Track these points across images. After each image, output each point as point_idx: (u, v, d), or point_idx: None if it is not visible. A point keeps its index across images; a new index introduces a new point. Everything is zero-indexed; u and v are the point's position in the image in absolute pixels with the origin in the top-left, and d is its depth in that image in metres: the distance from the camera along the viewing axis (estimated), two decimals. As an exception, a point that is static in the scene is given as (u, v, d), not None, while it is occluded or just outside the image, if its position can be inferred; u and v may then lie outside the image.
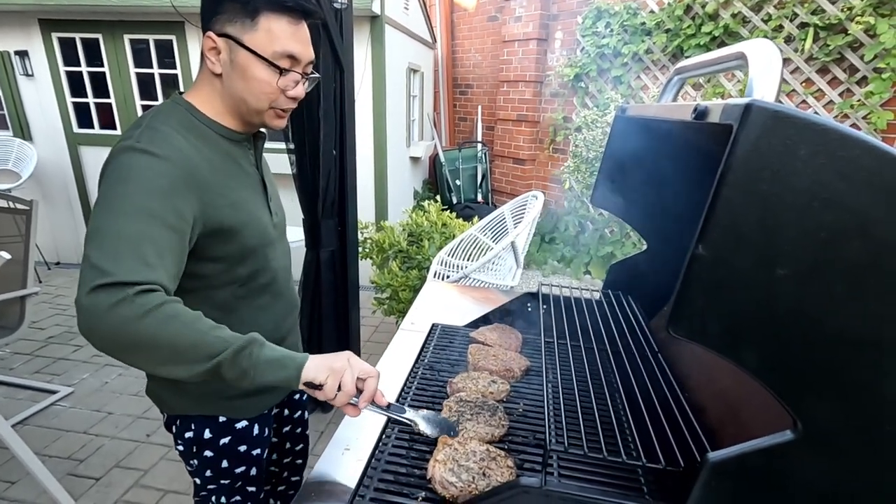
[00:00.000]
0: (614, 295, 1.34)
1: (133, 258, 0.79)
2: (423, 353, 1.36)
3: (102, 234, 0.80)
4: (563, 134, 5.45)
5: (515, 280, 2.36)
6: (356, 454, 1.00)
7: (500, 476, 0.88)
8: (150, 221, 0.82)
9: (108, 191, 0.84)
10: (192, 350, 0.80)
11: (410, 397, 1.17)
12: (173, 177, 0.88)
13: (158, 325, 0.77)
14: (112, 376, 3.13)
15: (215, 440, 1.16)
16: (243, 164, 1.08)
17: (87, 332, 0.78)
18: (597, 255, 4.86)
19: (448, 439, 0.96)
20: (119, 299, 0.75)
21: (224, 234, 0.98)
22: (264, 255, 1.11)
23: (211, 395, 1.12)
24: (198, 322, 0.82)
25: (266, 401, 1.23)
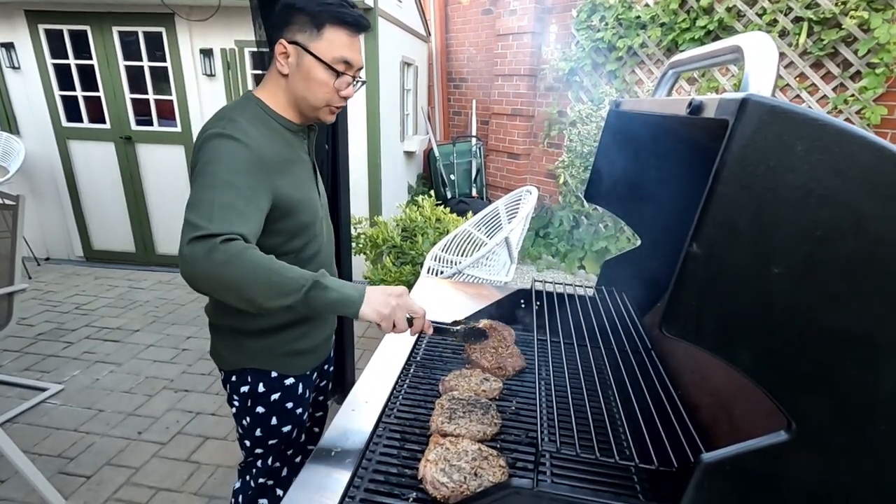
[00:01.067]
0: (608, 291, 1.33)
1: (220, 218, 0.97)
2: (415, 350, 1.35)
3: (197, 202, 0.99)
4: (557, 128, 5.43)
5: (509, 275, 2.35)
6: (346, 453, 0.99)
7: (492, 476, 0.87)
8: (232, 193, 1.01)
9: (202, 169, 1.03)
10: (271, 288, 0.97)
11: (402, 396, 1.15)
12: (249, 159, 1.06)
13: (242, 268, 0.95)
14: (103, 373, 3.10)
15: (267, 395, 1.32)
16: (300, 151, 1.27)
17: (188, 276, 0.97)
18: (591, 250, 4.86)
19: (440, 439, 0.95)
20: (210, 247, 0.93)
21: (285, 210, 1.16)
22: (313, 229, 1.29)
23: (264, 351, 1.30)
24: (273, 264, 0.99)
25: (309, 361, 1.40)
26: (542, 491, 0.68)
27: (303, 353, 1.37)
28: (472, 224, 2.80)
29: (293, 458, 1.55)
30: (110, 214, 4.83)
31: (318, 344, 1.44)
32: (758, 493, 0.63)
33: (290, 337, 1.34)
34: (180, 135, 4.54)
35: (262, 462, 1.46)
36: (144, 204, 4.77)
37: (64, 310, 3.93)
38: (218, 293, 0.99)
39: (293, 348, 1.34)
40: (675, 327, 0.57)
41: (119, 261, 4.94)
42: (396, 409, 1.10)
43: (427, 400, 1.14)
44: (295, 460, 1.57)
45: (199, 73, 4.36)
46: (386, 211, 4.63)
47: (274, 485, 1.53)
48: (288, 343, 1.34)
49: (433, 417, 1.03)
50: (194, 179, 1.04)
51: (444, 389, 1.15)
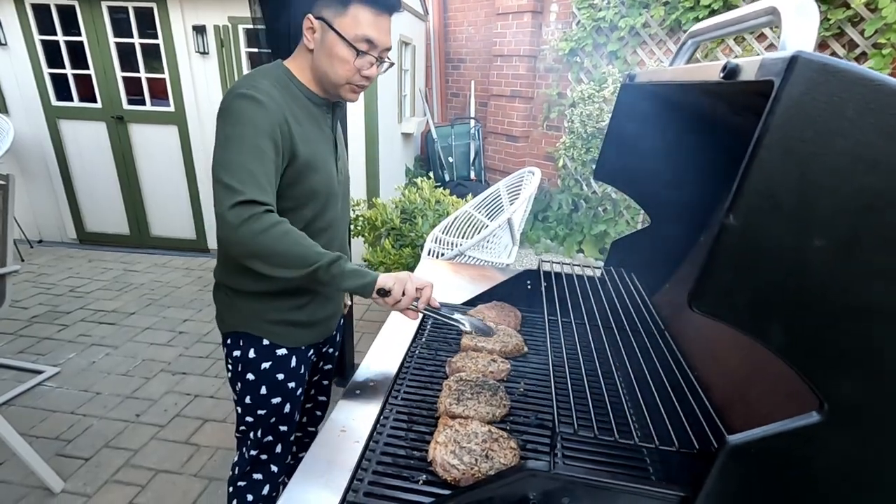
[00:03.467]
0: (616, 272, 1.31)
1: (255, 184, 1.03)
2: (420, 332, 1.32)
3: (230, 164, 1.04)
4: (557, 110, 5.36)
5: (511, 257, 2.32)
6: (353, 435, 0.96)
7: (503, 458, 0.85)
8: (261, 157, 1.06)
9: (230, 130, 1.06)
10: (300, 259, 1.05)
11: (408, 378, 1.13)
12: (272, 120, 1.08)
13: (276, 239, 1.02)
14: (99, 356, 3.07)
15: (258, 362, 1.33)
16: (322, 124, 1.28)
17: (225, 239, 1.03)
18: (590, 233, 4.84)
19: (449, 420, 0.93)
20: (251, 214, 1.01)
21: (299, 171, 1.17)
22: (326, 202, 1.29)
23: (255, 316, 1.31)
24: (303, 239, 1.07)
25: (304, 336, 1.39)
26: (558, 473, 0.66)
27: (297, 326, 1.37)
28: (473, 206, 2.76)
29: (287, 434, 1.52)
30: (103, 196, 4.75)
31: (317, 320, 1.42)
32: (785, 476, 0.61)
33: (284, 305, 1.33)
34: (173, 114, 4.44)
35: (253, 433, 1.46)
36: (138, 185, 4.69)
37: (58, 292, 3.88)
38: (248, 258, 1.05)
39: (286, 318, 1.34)
40: (706, 304, 0.54)
41: (113, 243, 4.87)
42: (403, 391, 1.07)
43: (433, 381, 1.12)
44: (289, 438, 1.54)
45: (192, 50, 4.25)
46: (384, 193, 4.58)
47: (268, 460, 1.52)
48: (281, 311, 1.33)
49: (441, 399, 1.00)
50: (223, 139, 1.06)
51: (451, 371, 1.13)
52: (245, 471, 1.53)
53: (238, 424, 1.49)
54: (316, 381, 1.68)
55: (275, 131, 1.09)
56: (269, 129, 1.08)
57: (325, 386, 1.74)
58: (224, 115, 1.10)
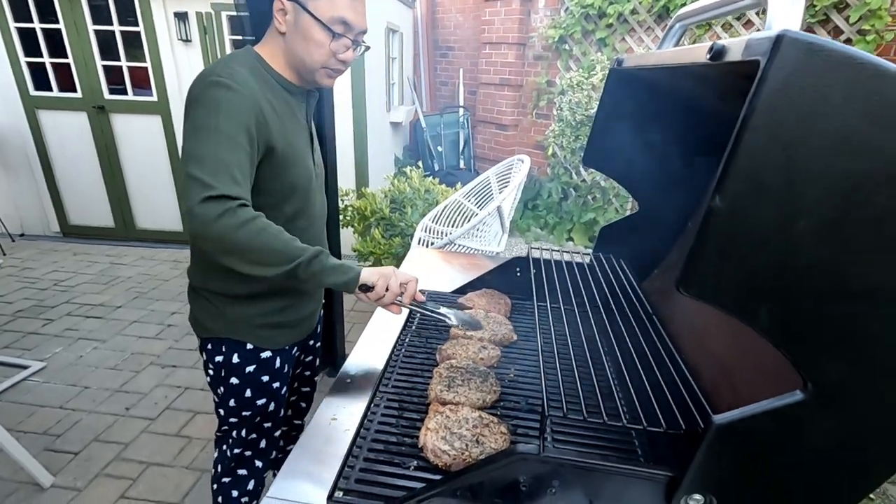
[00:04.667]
0: (605, 258, 1.31)
1: (228, 177, 0.97)
2: (409, 321, 1.32)
3: (202, 156, 0.97)
4: (546, 98, 5.35)
5: (501, 246, 2.32)
6: (343, 423, 0.96)
7: (493, 443, 0.85)
8: (235, 148, 1.00)
9: (202, 119, 1.00)
10: (278, 255, 1.00)
11: (398, 366, 1.13)
12: (247, 109, 1.03)
13: (253, 234, 0.97)
14: (87, 350, 3.04)
15: (242, 366, 1.29)
16: (297, 114, 1.22)
17: (197, 235, 0.97)
18: (579, 221, 4.86)
19: (439, 407, 0.93)
20: (224, 209, 0.95)
21: (276, 167, 1.13)
22: (306, 197, 1.25)
23: (242, 321, 1.26)
24: (281, 234, 1.02)
25: (289, 336, 1.36)
26: (548, 456, 0.67)
27: (283, 327, 1.33)
28: (463, 194, 2.75)
29: (272, 430, 1.49)
30: (86, 188, 4.66)
31: (300, 318, 1.39)
32: (769, 453, 0.62)
33: (270, 308, 1.29)
34: (156, 104, 4.36)
35: (236, 433, 1.42)
36: (122, 177, 4.61)
37: (42, 286, 3.82)
38: (223, 255, 1.00)
39: (273, 321, 1.30)
40: (694, 287, 0.54)
41: (97, 236, 4.80)
42: (393, 379, 1.07)
43: (424, 369, 1.12)
44: (274, 434, 1.52)
45: (174, 38, 4.17)
46: (372, 183, 4.55)
47: (252, 456, 1.49)
48: (268, 315, 1.29)
49: (431, 386, 1.01)
50: (194, 129, 1.01)
51: (442, 358, 1.13)
52: (229, 468, 1.49)
53: (220, 425, 1.45)
54: (299, 375, 1.65)
55: (250, 121, 1.03)
56: (243, 119, 1.02)
57: (308, 378, 1.72)
58: (195, 104, 1.03)
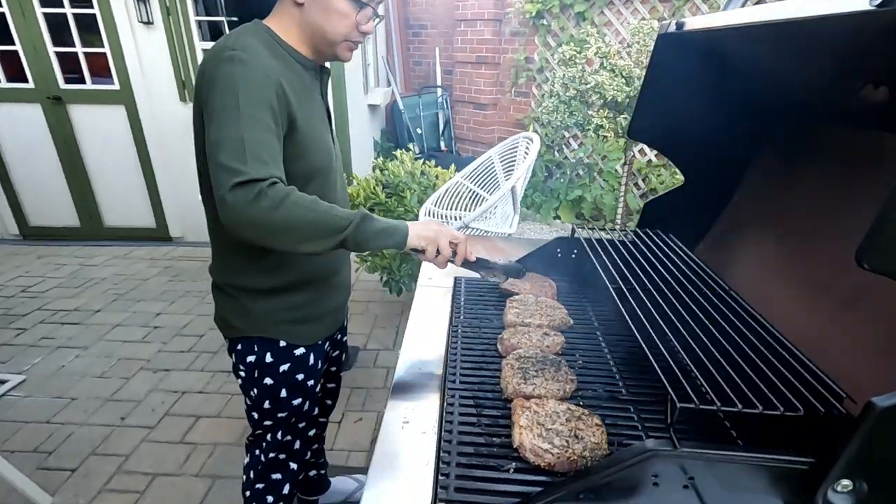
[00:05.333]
0: (653, 233, 1.27)
1: (255, 160, 0.92)
2: (455, 310, 1.25)
3: (225, 141, 0.93)
4: (525, 76, 5.28)
5: (513, 227, 2.27)
6: (418, 426, 0.89)
7: (592, 437, 0.80)
8: (259, 128, 0.95)
9: (220, 100, 0.95)
10: (324, 228, 0.96)
11: (459, 359, 1.06)
12: (267, 84, 0.97)
13: (292, 211, 0.93)
14: (69, 358, 2.84)
15: (276, 365, 1.24)
16: (313, 91, 1.16)
17: (234, 224, 0.93)
18: (566, 199, 4.85)
19: (524, 402, 0.87)
20: (256, 193, 0.90)
21: (300, 148, 1.07)
22: (327, 179, 1.19)
23: (271, 317, 1.21)
24: (319, 204, 0.97)
25: (320, 330, 1.32)
26: (685, 451, 0.62)
27: (313, 320, 1.29)
28: (464, 176, 2.67)
29: (305, 430, 1.47)
30: (46, 186, 4.34)
31: (330, 310, 1.35)
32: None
33: (298, 301, 1.24)
34: (119, 93, 4.07)
35: (271, 436, 1.39)
36: (85, 172, 4.30)
37: (8, 293, 3.55)
38: (266, 238, 0.96)
39: (301, 314, 1.25)
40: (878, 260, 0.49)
41: (62, 237, 4.49)
42: (459, 374, 1.01)
43: (488, 361, 1.06)
44: (308, 433, 1.49)
45: (134, 20, 3.87)
46: (355, 169, 4.40)
47: (286, 459, 1.46)
48: (296, 308, 1.24)
49: (506, 379, 0.95)
50: (214, 113, 0.95)
51: (506, 348, 1.07)
52: (262, 473, 1.44)
53: (254, 429, 1.41)
54: (326, 371, 1.60)
55: (271, 97, 0.98)
56: (265, 95, 0.97)
57: (335, 374, 1.67)
58: (211, 85, 0.97)
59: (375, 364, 2.84)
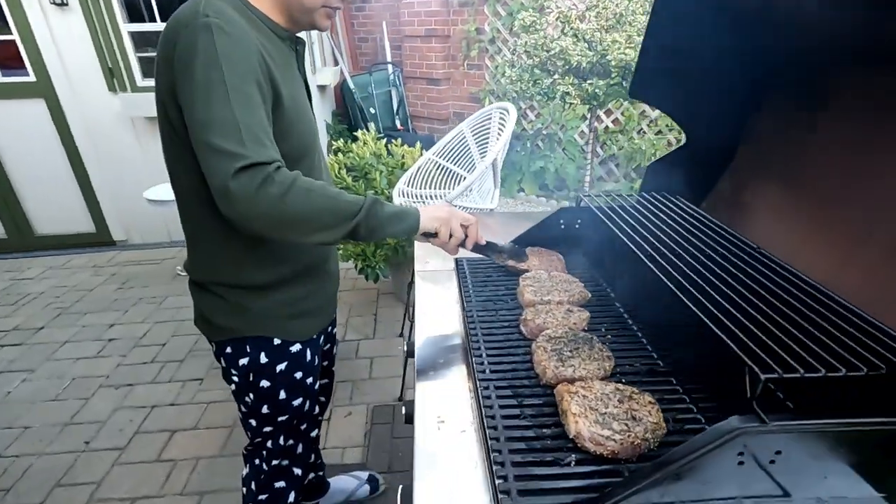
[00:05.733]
0: (661, 195, 1.23)
1: (254, 141, 0.83)
2: (464, 293, 1.17)
3: (217, 120, 0.82)
4: (476, 48, 5.16)
5: (494, 202, 2.19)
6: (456, 425, 0.81)
7: (650, 417, 0.75)
8: (251, 105, 0.85)
9: (203, 74, 0.83)
10: (335, 216, 0.89)
11: (483, 346, 0.98)
12: (251, 58, 0.88)
13: (302, 198, 0.85)
14: (14, 383, 2.56)
15: (272, 366, 1.16)
16: (291, 63, 1.07)
17: (242, 217, 0.84)
18: (528, 171, 4.82)
19: (569, 387, 0.81)
20: (263, 178, 0.82)
21: (283, 122, 0.97)
22: (312, 160, 1.10)
23: (266, 313, 1.12)
24: (327, 189, 0.90)
25: (316, 323, 1.24)
26: (775, 426, 0.57)
27: (308, 315, 1.20)
28: (435, 153, 2.56)
29: (308, 432, 1.38)
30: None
31: (324, 302, 1.27)
32: None
33: (295, 295, 1.15)
34: (36, 85, 3.65)
35: (272, 442, 1.30)
36: (5, 177, 3.87)
37: (-68, 319, 3.17)
38: (277, 230, 0.88)
39: (298, 309, 1.17)
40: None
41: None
42: (487, 362, 0.93)
43: (513, 345, 0.99)
44: (311, 434, 1.41)
45: (45, 1, 3.46)
46: (312, 153, 4.18)
47: (289, 464, 1.38)
48: (294, 303, 1.15)
49: (542, 363, 0.88)
50: (198, 88, 0.84)
51: (531, 330, 1.00)
52: (265, 483, 1.35)
53: (252, 437, 1.31)
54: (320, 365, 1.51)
55: (255, 70, 0.89)
56: (250, 69, 0.88)
57: (328, 368, 1.59)
58: (189, 58, 0.84)
59: (357, 355, 2.73)
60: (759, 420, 0.58)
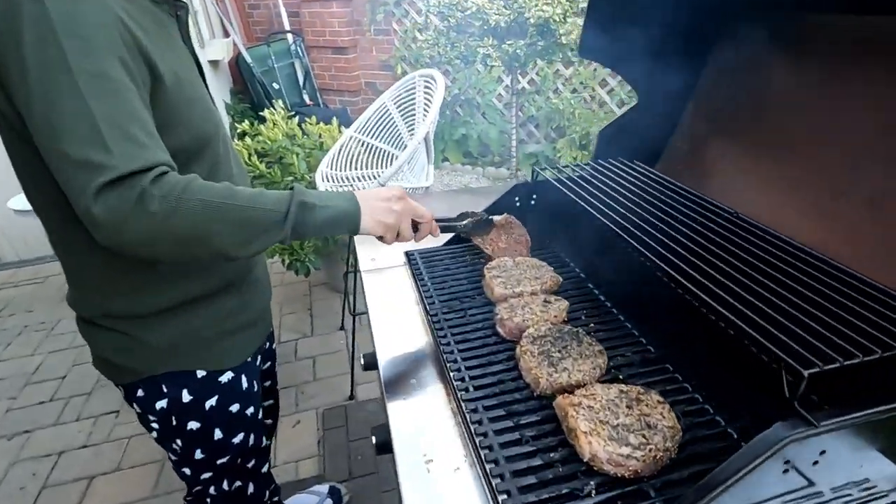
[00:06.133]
0: (617, 162, 1.15)
1: (123, 141, 0.64)
2: (423, 293, 1.03)
3: (68, 121, 0.62)
4: (382, 10, 4.85)
5: (430, 179, 2.04)
6: (447, 463, 0.69)
7: (664, 420, 0.67)
8: (115, 93, 0.65)
9: (39, 58, 0.61)
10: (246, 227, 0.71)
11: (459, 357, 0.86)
12: (109, 27, 0.66)
13: (196, 214, 0.67)
14: None
15: (198, 403, 0.96)
16: (172, 33, 0.86)
17: (120, 244, 0.66)
18: (451, 139, 4.69)
19: (570, 398, 0.70)
20: (138, 195, 0.63)
21: (168, 109, 0.76)
22: (217, 152, 0.90)
23: (182, 342, 0.91)
24: (236, 195, 0.71)
25: (249, 342, 1.04)
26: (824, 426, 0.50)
27: (236, 335, 1.01)
28: (357, 129, 2.33)
29: (257, 468, 1.21)
30: None
31: (255, 317, 1.07)
32: None
33: (220, 311, 0.96)
34: None
35: (215, 488, 1.12)
36: None
37: None
38: (174, 255, 0.72)
39: (222, 330, 0.97)
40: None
41: None
42: (468, 378, 0.81)
43: (491, 350, 0.87)
44: (262, 470, 1.23)
45: None
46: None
47: None
48: (219, 321, 0.96)
49: (533, 372, 0.77)
50: (26, 78, 0.62)
51: (509, 330, 0.88)
52: None
53: (190, 486, 1.12)
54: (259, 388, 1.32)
55: (117, 42, 0.67)
56: (107, 41, 0.66)
57: (271, 388, 1.40)
58: (11, 28, 0.62)
59: (297, 356, 2.53)
60: (807, 423, 0.51)
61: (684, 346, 0.81)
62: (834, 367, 0.53)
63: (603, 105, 4.04)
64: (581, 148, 3.85)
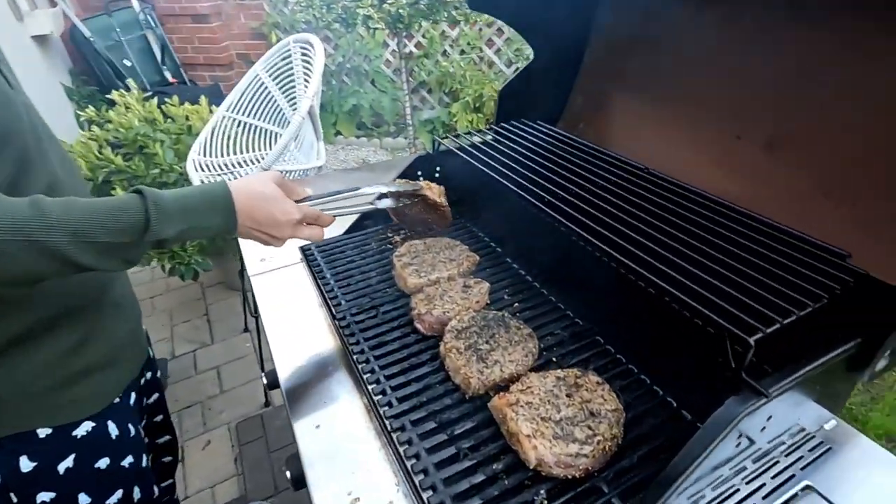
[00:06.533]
0: (519, 124, 1.07)
1: None
2: (326, 292, 0.90)
3: None
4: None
5: (321, 158, 1.84)
6: (377, 499, 0.59)
7: (606, 404, 0.62)
8: None
9: None
10: (88, 255, 0.60)
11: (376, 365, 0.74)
12: None
13: (16, 249, 0.54)
14: None
15: (47, 469, 0.78)
16: None
17: None
18: (342, 111, 4.41)
19: (507, 397, 0.63)
20: None
21: None
22: (25, 152, 0.71)
23: (13, 397, 0.73)
24: (65, 216, 0.58)
25: (112, 381, 0.85)
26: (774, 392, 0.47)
27: (92, 373, 0.82)
28: (228, 108, 2.04)
29: None
30: None
31: (119, 346, 0.87)
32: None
33: (50, 356, 0.76)
34: None
35: None
36: None
37: None
38: None
39: (68, 371, 0.78)
40: None
41: None
42: (390, 390, 0.70)
43: (413, 351, 0.77)
44: None
45: None
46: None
47: None
48: (47, 368, 0.76)
49: (461, 372, 0.68)
50: None
51: (430, 325, 0.78)
52: None
53: None
54: (149, 424, 1.12)
55: None
56: None
57: (163, 423, 1.19)
58: None
59: (197, 369, 2.26)
60: (758, 393, 0.48)
61: (612, 316, 0.77)
62: (774, 329, 0.50)
63: (492, 66, 4.01)
64: (476, 111, 3.80)
